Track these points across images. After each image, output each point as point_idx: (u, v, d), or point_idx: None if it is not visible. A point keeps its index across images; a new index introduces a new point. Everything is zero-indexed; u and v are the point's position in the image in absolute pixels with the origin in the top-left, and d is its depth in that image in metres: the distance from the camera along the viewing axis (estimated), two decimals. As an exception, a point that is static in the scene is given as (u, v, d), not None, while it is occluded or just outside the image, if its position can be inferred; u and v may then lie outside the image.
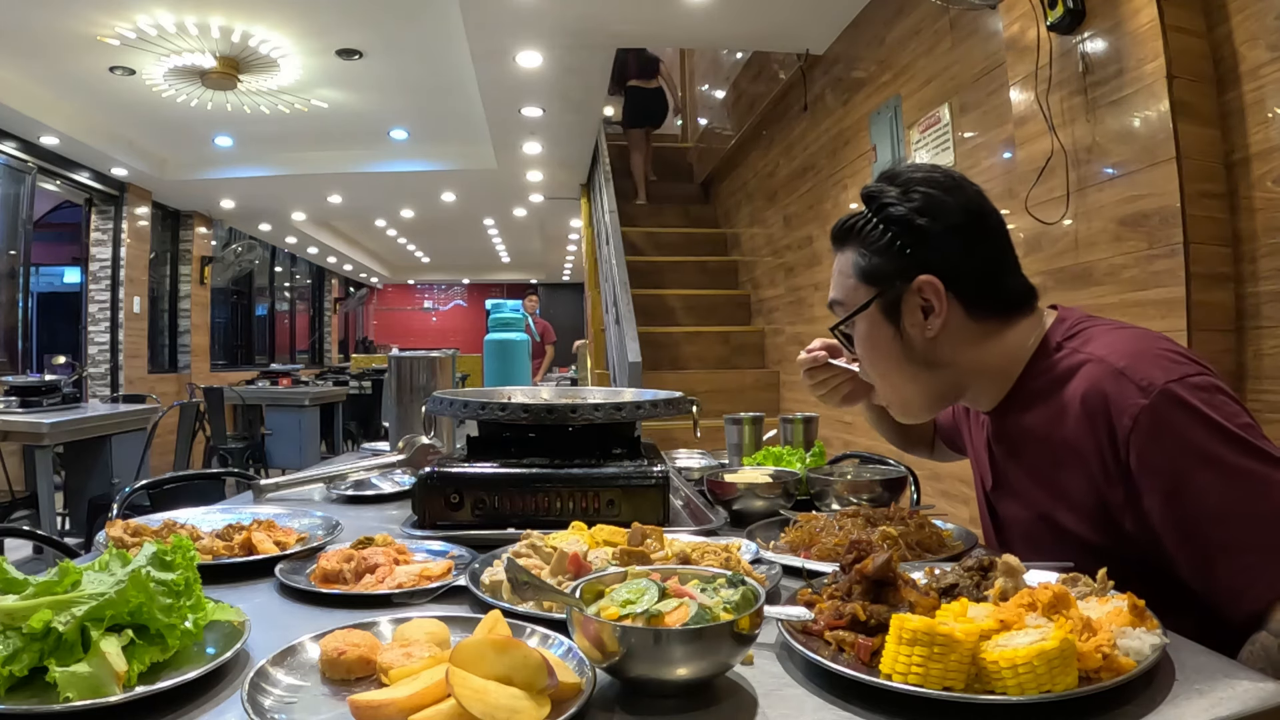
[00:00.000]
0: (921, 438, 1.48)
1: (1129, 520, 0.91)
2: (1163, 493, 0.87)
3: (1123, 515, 0.91)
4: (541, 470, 1.18)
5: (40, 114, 5.68)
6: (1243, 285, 1.93)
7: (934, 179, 1.04)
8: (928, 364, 1.05)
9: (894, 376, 1.07)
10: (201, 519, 1.22)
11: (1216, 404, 0.87)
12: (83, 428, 4.25)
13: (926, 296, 1.01)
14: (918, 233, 1.01)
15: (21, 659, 0.63)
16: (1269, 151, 1.86)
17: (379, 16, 4.58)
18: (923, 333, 1.02)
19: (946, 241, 1.01)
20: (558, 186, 7.73)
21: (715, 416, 2.27)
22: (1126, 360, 0.91)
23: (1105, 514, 0.93)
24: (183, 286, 8.97)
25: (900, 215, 1.02)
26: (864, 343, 1.08)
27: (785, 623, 0.75)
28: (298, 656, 0.72)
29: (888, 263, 1.03)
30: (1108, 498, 0.92)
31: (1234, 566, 0.84)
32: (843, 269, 1.08)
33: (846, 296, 1.08)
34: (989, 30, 2.83)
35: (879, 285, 1.04)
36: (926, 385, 1.06)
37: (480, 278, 18.59)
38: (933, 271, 1.00)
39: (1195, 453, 0.86)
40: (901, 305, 1.03)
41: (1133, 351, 0.93)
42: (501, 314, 2.42)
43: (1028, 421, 1.02)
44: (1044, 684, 0.61)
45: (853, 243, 1.07)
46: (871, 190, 1.07)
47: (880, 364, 1.08)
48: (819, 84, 4.50)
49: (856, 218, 1.07)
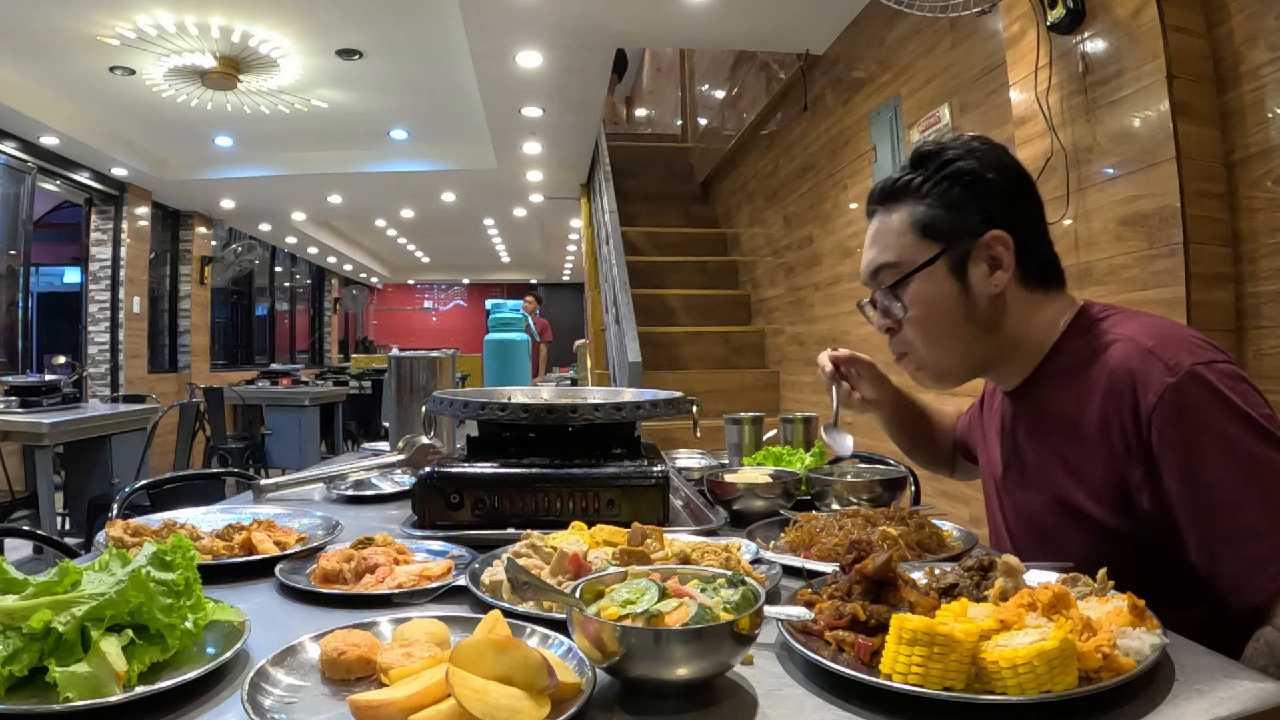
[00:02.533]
0: (941, 454, 1.47)
1: (1146, 499, 0.91)
2: (1179, 470, 0.87)
3: (1140, 494, 0.91)
4: (541, 470, 1.18)
5: (40, 114, 5.68)
6: (1243, 285, 1.93)
7: (986, 140, 1.05)
8: (984, 326, 1.03)
9: (945, 339, 1.05)
10: (201, 519, 1.22)
11: (1241, 391, 0.88)
12: (83, 428, 4.25)
13: (996, 252, 1.00)
14: (986, 186, 1.01)
15: (21, 659, 0.63)
16: (1269, 151, 1.86)
17: (379, 16, 4.58)
18: (987, 289, 1.01)
19: (1011, 198, 1.02)
20: (558, 186, 7.73)
21: (715, 416, 2.27)
22: (1155, 340, 0.93)
23: (1123, 494, 0.92)
24: (183, 286, 8.97)
25: (969, 169, 1.01)
26: (921, 302, 1.03)
27: (785, 623, 0.75)
28: (298, 656, 0.72)
29: (955, 217, 1.01)
30: (1127, 476, 0.92)
31: (1239, 555, 0.85)
32: (895, 228, 1.05)
33: (903, 255, 1.04)
34: (989, 30, 2.83)
35: (945, 240, 1.01)
36: (972, 350, 1.05)
37: (480, 278, 18.59)
38: (1001, 227, 1.00)
39: (1215, 435, 0.86)
40: (969, 261, 1.01)
41: (1162, 334, 0.94)
42: (501, 314, 2.42)
43: (1053, 399, 1.02)
44: (1044, 684, 0.61)
45: (909, 199, 1.04)
46: (929, 148, 1.05)
47: (936, 325, 1.04)
48: (819, 84, 4.50)
49: (912, 175, 1.04)
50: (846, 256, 4.14)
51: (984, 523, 1.24)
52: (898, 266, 1.04)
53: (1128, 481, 0.92)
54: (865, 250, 1.10)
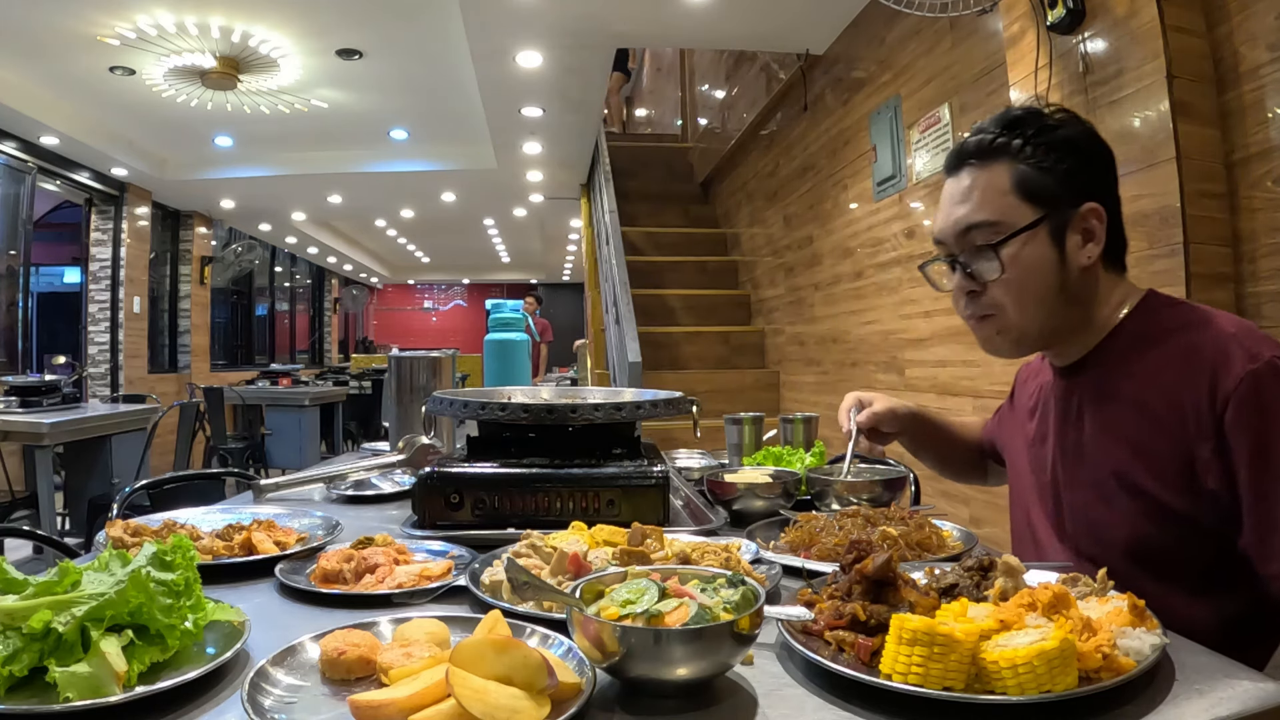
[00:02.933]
0: (970, 463, 1.47)
1: (1212, 478, 0.92)
2: (1250, 453, 0.90)
3: (1206, 473, 0.92)
4: (541, 470, 1.18)
5: (40, 114, 5.68)
6: (1243, 285, 1.93)
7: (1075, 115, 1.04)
8: (1071, 297, 1.03)
9: (1036, 305, 1.03)
10: (201, 519, 1.22)
11: None
12: (83, 428, 4.25)
13: (1090, 224, 1.01)
14: (1086, 158, 1.01)
15: (21, 659, 0.63)
16: (1269, 151, 1.86)
17: (379, 16, 4.58)
18: (1080, 260, 1.01)
19: (1105, 173, 1.03)
20: (558, 186, 7.73)
21: (715, 416, 2.27)
22: (1238, 329, 0.95)
23: (1188, 471, 0.93)
24: (183, 286, 8.97)
25: (1070, 137, 1.01)
26: (1021, 265, 1.01)
27: (785, 623, 0.75)
28: (298, 656, 0.72)
29: (1057, 184, 1.00)
30: (1194, 452, 0.93)
31: None
32: (995, 186, 1.02)
33: (1004, 215, 1.01)
34: (989, 30, 2.83)
35: (1047, 206, 1.00)
36: (1054, 319, 1.04)
37: (480, 278, 18.58)
38: (1096, 200, 1.00)
39: None
40: (1067, 229, 1.01)
41: (1243, 325, 0.97)
42: (501, 314, 2.42)
43: (1119, 375, 1.02)
44: (1044, 684, 0.61)
45: (1008, 158, 1.01)
46: (1026, 111, 1.04)
47: (1031, 289, 1.02)
48: (819, 84, 4.50)
49: (1010, 134, 1.02)
50: (846, 256, 4.14)
51: (984, 523, 1.23)
52: (997, 226, 1.01)
53: (1194, 458, 0.93)
54: (948, 207, 1.06)
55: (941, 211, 1.07)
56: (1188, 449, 0.93)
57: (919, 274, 3.79)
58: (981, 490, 2.88)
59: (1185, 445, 0.93)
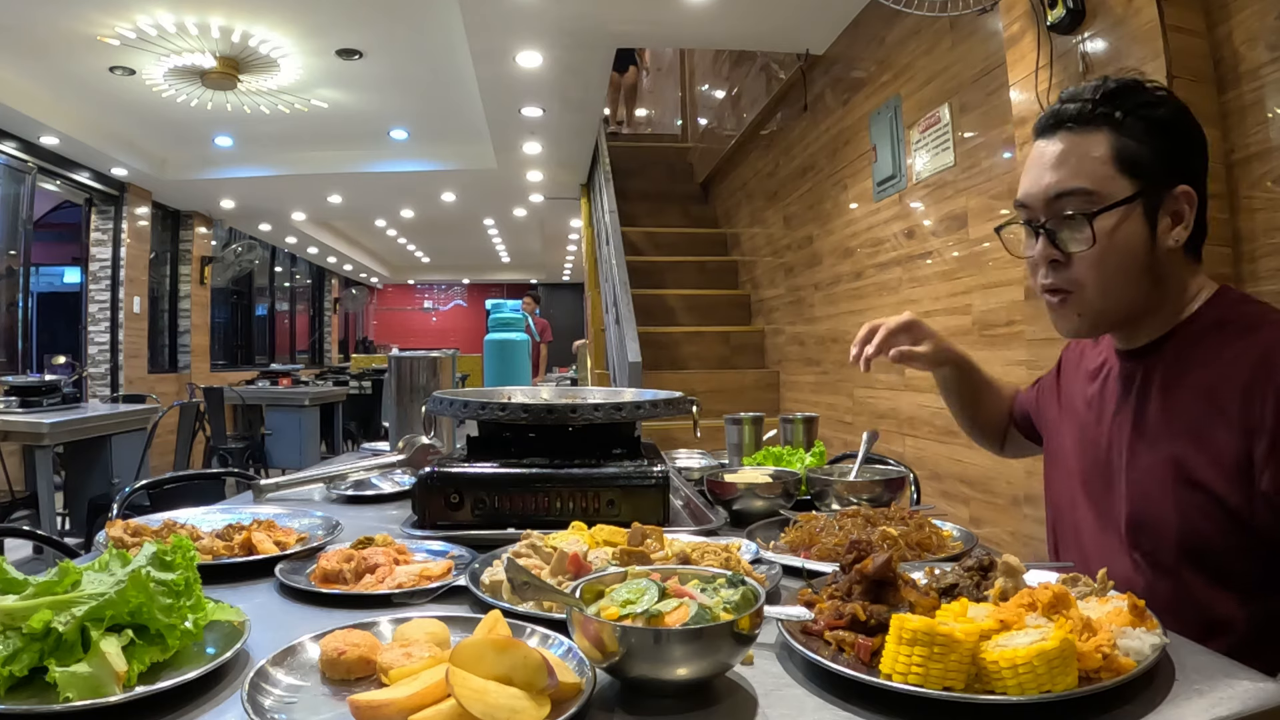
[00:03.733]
0: (995, 426, 1.43)
1: (1266, 479, 0.89)
2: None
3: (1262, 472, 0.90)
4: (541, 470, 1.18)
5: (40, 114, 5.68)
6: (1243, 285, 1.93)
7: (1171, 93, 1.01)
8: (1154, 278, 1.00)
9: (1121, 283, 0.99)
10: (201, 519, 1.22)
11: None
12: (83, 428, 4.25)
13: (1181, 207, 0.98)
14: (1184, 139, 0.99)
15: (21, 659, 0.63)
16: (1269, 151, 1.86)
17: (379, 16, 4.58)
18: (1168, 242, 0.98)
19: (1197, 158, 1.00)
20: (558, 186, 7.73)
21: (715, 416, 2.27)
22: None
23: (1245, 470, 0.91)
24: (183, 286, 8.97)
25: (1166, 118, 0.98)
26: (1109, 238, 0.97)
27: (785, 623, 0.75)
28: (298, 656, 0.72)
29: (1157, 161, 0.97)
30: (1253, 449, 0.91)
31: None
32: (1094, 154, 0.98)
33: (1102, 185, 0.97)
34: (989, 30, 2.83)
35: (1146, 181, 0.97)
36: (1135, 300, 1.01)
37: (480, 278, 18.59)
38: (1189, 183, 0.98)
39: None
40: (1160, 208, 0.98)
41: None
42: (501, 314, 2.42)
43: (1189, 364, 0.99)
44: (1044, 684, 0.61)
45: (1108, 127, 0.98)
46: (1127, 82, 1.00)
47: (1118, 266, 0.98)
48: (819, 84, 4.50)
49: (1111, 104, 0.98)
50: (847, 256, 4.14)
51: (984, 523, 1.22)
52: (1093, 196, 0.97)
53: (1252, 455, 0.91)
54: (1037, 171, 1.02)
55: (1029, 174, 1.03)
56: (1248, 446, 0.91)
57: (919, 274, 3.77)
58: (982, 490, 2.88)
59: (1246, 442, 0.91)
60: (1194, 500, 0.94)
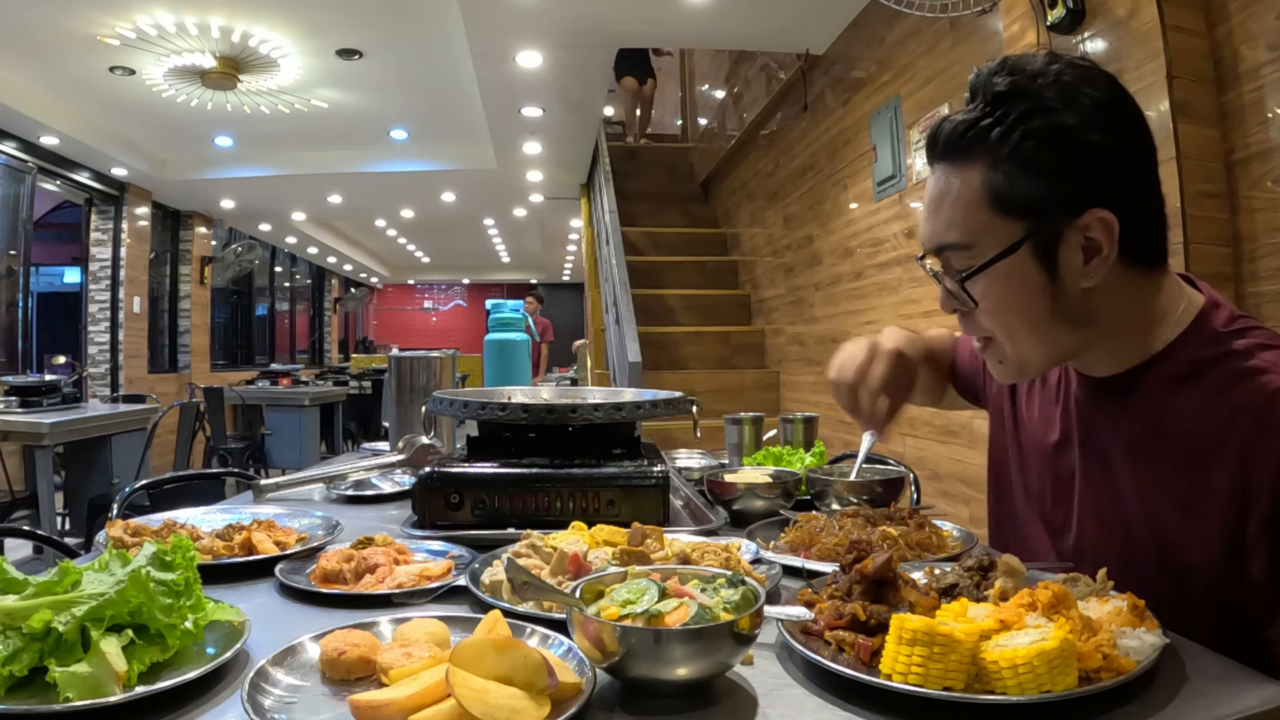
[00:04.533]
0: (932, 385, 1.28)
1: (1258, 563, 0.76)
2: None
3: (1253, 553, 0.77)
4: (541, 470, 1.18)
5: (40, 114, 5.68)
6: (1243, 285, 1.93)
7: (1082, 70, 0.80)
8: (1072, 320, 0.84)
9: (1025, 336, 0.85)
10: (201, 519, 1.22)
11: None
12: (83, 428, 4.25)
13: (1093, 236, 0.79)
14: (1087, 152, 0.78)
15: (21, 659, 0.63)
16: (1269, 151, 1.86)
17: (379, 16, 4.58)
18: (1080, 281, 0.81)
19: (1123, 166, 0.80)
20: (558, 186, 7.73)
21: (715, 416, 2.27)
22: None
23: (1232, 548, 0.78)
24: (183, 286, 8.97)
25: (1065, 126, 0.78)
26: (997, 291, 0.83)
27: (785, 623, 0.75)
28: (298, 656, 0.72)
29: (1045, 189, 0.78)
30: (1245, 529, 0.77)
31: None
32: (965, 198, 0.82)
33: (975, 237, 0.82)
34: (989, 30, 2.83)
35: (1031, 219, 0.80)
36: (1057, 346, 0.86)
37: (480, 278, 18.59)
38: (1105, 205, 0.78)
39: None
40: (1059, 246, 0.80)
41: None
42: (501, 314, 2.42)
43: (1167, 412, 0.84)
44: (1044, 684, 0.61)
45: (983, 157, 0.80)
46: (1015, 84, 0.79)
47: (1014, 319, 0.84)
48: (819, 84, 4.50)
49: (986, 120, 0.80)
50: (847, 257, 4.14)
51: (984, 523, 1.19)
52: (969, 251, 0.83)
53: (1244, 535, 0.77)
54: (925, 214, 0.88)
55: (923, 213, 0.90)
56: (1239, 523, 0.78)
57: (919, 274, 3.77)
58: (982, 490, 2.87)
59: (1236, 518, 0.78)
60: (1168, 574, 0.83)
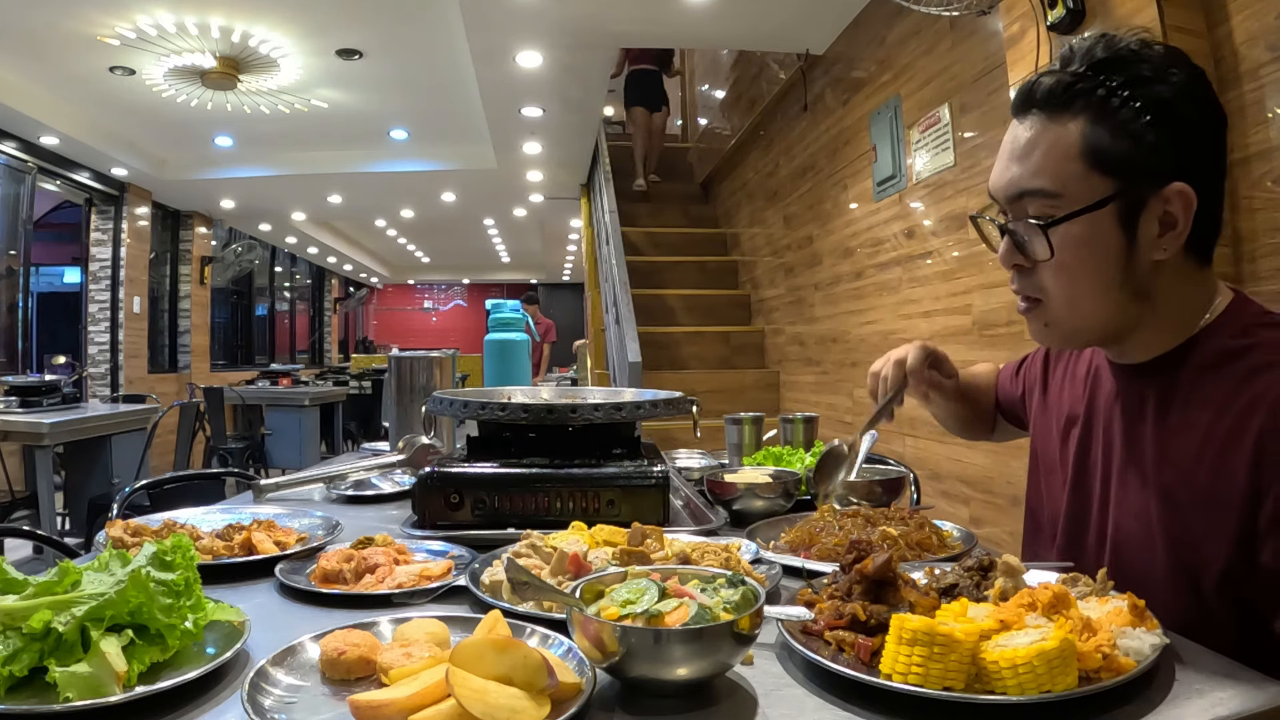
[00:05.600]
0: (982, 418, 1.32)
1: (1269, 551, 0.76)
2: None
3: (1265, 542, 0.77)
4: (541, 470, 1.18)
5: (40, 114, 5.68)
6: (1243, 285, 1.93)
7: (1181, 59, 0.82)
8: (1136, 292, 0.84)
9: (1091, 298, 0.85)
10: (201, 519, 1.22)
11: None
12: (83, 428, 4.25)
13: (1173, 210, 0.81)
14: (1183, 127, 0.80)
15: (21, 659, 0.63)
16: (1269, 151, 1.86)
17: (379, 16, 4.58)
18: (1152, 253, 0.82)
19: (1206, 147, 0.82)
20: (558, 186, 7.73)
21: (715, 416, 2.27)
22: None
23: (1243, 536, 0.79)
24: (183, 286, 8.97)
25: (1166, 98, 0.80)
26: (1077, 249, 0.83)
27: (785, 623, 0.75)
28: (298, 656, 0.72)
29: (1140, 155, 0.80)
30: (1257, 518, 0.78)
31: None
32: (1061, 146, 0.82)
33: (1065, 185, 0.82)
34: (989, 30, 2.83)
35: (1122, 179, 0.80)
36: (1115, 316, 0.86)
37: (480, 278, 18.59)
38: (1188, 180, 0.80)
39: None
40: (1142, 212, 0.81)
41: None
42: (501, 314, 2.42)
43: (1193, 401, 0.85)
44: (1044, 684, 0.61)
45: (1085, 112, 0.81)
46: (1117, 54, 0.82)
47: (1086, 280, 0.84)
48: (819, 84, 4.50)
49: (1089, 80, 0.81)
50: (847, 256, 4.14)
51: (984, 523, 1.19)
52: (1056, 199, 0.82)
53: (1255, 525, 0.78)
54: (1004, 160, 0.87)
55: (998, 162, 0.88)
56: (1252, 511, 0.78)
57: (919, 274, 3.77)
58: (982, 490, 2.88)
59: (1249, 505, 0.78)
60: (1186, 568, 0.83)
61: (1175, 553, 0.84)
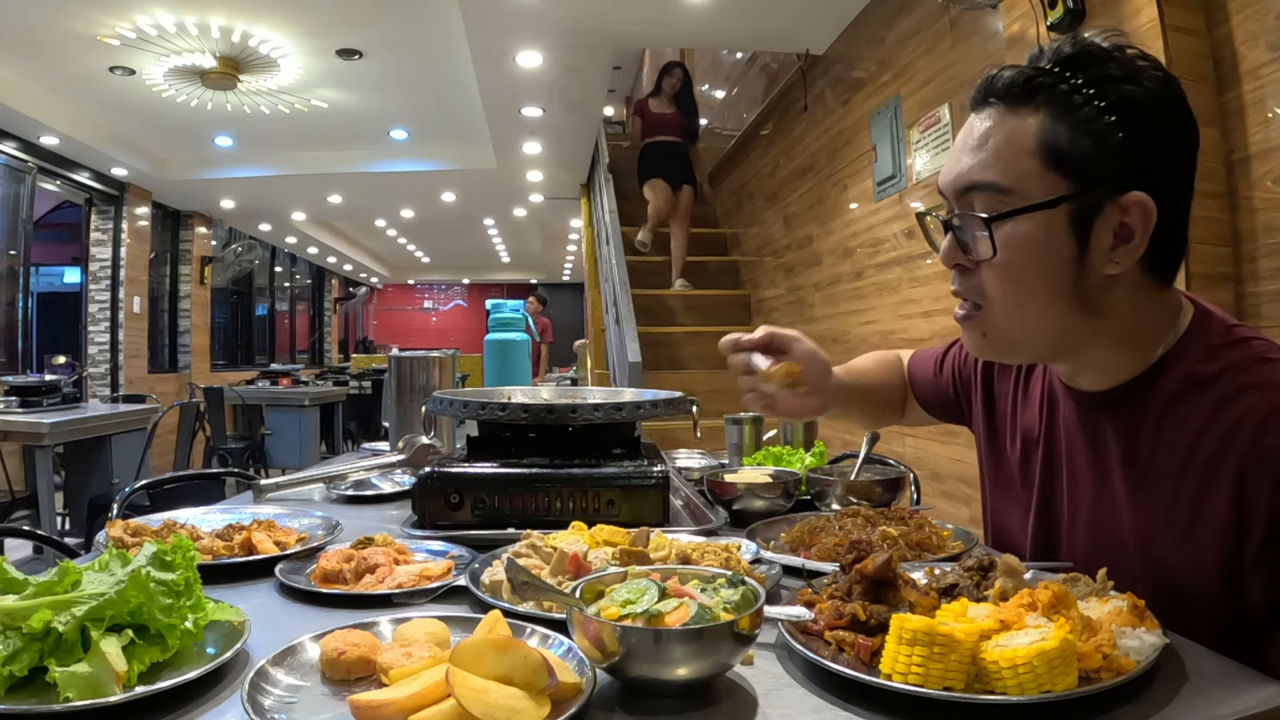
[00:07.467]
0: (890, 404, 1.27)
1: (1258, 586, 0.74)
2: None
3: (1253, 576, 0.75)
4: (541, 470, 1.18)
5: (40, 114, 5.68)
6: (1243, 285, 1.93)
7: (1156, 66, 0.78)
8: (1084, 306, 0.79)
9: (1032, 306, 0.80)
10: (201, 519, 1.22)
11: None
12: (83, 428, 4.25)
13: (1130, 221, 0.75)
14: (1150, 132, 0.75)
15: (21, 659, 0.63)
16: (1269, 151, 1.86)
17: (379, 16, 4.58)
18: (1104, 265, 0.77)
19: (1173, 158, 0.78)
20: (558, 186, 7.73)
21: (715, 416, 2.27)
22: None
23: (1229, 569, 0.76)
24: (183, 286, 8.97)
25: (1135, 100, 0.75)
26: (1021, 249, 0.78)
27: (785, 623, 0.75)
28: (298, 656, 0.72)
29: (1100, 156, 0.75)
30: (1243, 552, 0.75)
31: None
32: (1015, 138, 0.77)
33: (1016, 180, 0.77)
34: (989, 30, 2.83)
35: (1077, 181, 0.75)
36: (1059, 330, 0.81)
37: (480, 278, 18.60)
38: (1150, 191, 0.75)
39: None
40: (1096, 219, 0.76)
41: None
42: (501, 314, 2.42)
43: (1161, 436, 0.81)
44: (1044, 684, 0.61)
45: (1045, 107, 0.76)
46: (1086, 51, 0.77)
47: (1029, 285, 0.79)
48: (819, 84, 4.50)
49: (1053, 75, 0.77)
50: (846, 256, 4.14)
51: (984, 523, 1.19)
52: (1005, 194, 0.77)
53: (1240, 560, 0.75)
54: (956, 152, 0.83)
55: (950, 154, 0.84)
56: (1235, 546, 0.76)
57: (919, 274, 3.77)
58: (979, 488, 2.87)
59: (1232, 540, 0.76)
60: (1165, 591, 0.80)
61: (1156, 585, 0.81)
